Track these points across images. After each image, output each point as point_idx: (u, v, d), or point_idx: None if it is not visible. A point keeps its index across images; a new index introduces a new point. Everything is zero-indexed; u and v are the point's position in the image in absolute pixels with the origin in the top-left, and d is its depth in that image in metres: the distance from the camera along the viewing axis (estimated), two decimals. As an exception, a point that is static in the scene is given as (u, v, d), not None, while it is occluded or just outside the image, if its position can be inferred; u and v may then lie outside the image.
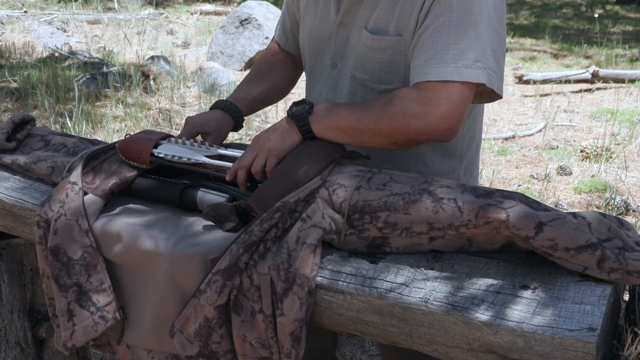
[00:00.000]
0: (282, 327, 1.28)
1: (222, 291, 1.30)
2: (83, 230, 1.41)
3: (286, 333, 1.27)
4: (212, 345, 1.33)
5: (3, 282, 1.80)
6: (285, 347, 1.28)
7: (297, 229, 1.31)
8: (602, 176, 3.69)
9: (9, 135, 1.75)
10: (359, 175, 1.36)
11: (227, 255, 1.30)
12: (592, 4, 11.23)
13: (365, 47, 1.54)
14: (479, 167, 1.77)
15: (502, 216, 1.20)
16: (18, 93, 5.10)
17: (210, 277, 1.30)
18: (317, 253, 1.29)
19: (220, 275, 1.29)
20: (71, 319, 1.43)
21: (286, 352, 1.28)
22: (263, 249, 1.32)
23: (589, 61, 6.71)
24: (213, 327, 1.32)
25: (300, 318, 1.27)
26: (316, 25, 1.65)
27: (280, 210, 1.32)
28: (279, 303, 1.28)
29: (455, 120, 1.39)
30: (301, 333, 1.28)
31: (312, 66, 1.71)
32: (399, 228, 1.29)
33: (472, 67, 1.39)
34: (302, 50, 1.75)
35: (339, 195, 1.33)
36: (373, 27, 1.52)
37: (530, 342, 1.09)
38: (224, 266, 1.29)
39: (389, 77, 1.54)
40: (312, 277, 1.27)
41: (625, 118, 4.60)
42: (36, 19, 8.09)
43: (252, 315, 1.30)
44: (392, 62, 1.52)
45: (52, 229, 1.43)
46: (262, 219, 1.32)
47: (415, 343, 1.22)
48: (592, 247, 1.15)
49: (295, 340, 1.28)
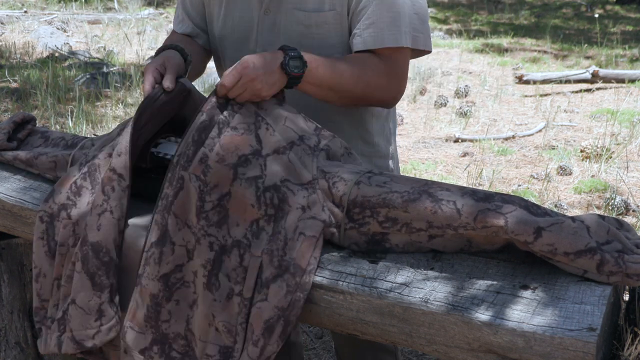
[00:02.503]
0: (259, 312, 1.24)
1: (161, 260, 1.31)
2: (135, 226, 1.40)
3: (261, 319, 1.24)
4: (162, 326, 1.33)
5: (3, 282, 1.80)
6: (255, 334, 1.24)
7: (297, 218, 1.30)
8: (602, 176, 3.69)
9: (10, 135, 1.75)
10: (360, 173, 1.36)
11: (154, 227, 1.32)
12: (592, 4, 11.23)
13: (302, 26, 1.57)
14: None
15: (501, 222, 1.20)
16: (18, 93, 5.10)
17: (145, 255, 1.32)
18: (317, 247, 1.28)
19: (154, 247, 1.31)
20: (99, 319, 1.39)
21: (255, 338, 1.24)
22: (256, 227, 1.31)
23: (589, 61, 6.71)
24: (160, 303, 1.32)
25: (282, 306, 1.23)
26: (238, 16, 1.65)
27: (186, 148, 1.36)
28: (265, 288, 1.25)
29: (404, 87, 1.58)
30: (276, 324, 1.23)
31: (235, 57, 1.64)
32: (400, 223, 1.29)
33: (411, 32, 1.54)
34: (221, 42, 1.71)
35: (339, 188, 1.33)
36: (306, 6, 1.57)
37: (530, 342, 1.09)
38: (155, 238, 1.31)
39: (327, 52, 1.56)
40: (308, 270, 1.25)
41: (625, 118, 4.60)
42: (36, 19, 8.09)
43: (228, 298, 1.28)
44: (329, 37, 1.57)
45: (95, 224, 1.39)
46: (170, 178, 1.36)
47: (415, 343, 1.22)
48: (591, 251, 1.16)
49: (267, 330, 1.23)
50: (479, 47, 7.28)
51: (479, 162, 3.92)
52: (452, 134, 4.39)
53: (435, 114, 4.88)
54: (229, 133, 1.36)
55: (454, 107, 5.00)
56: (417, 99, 5.24)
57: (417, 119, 4.77)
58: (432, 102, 5.11)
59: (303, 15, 1.57)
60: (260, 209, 1.32)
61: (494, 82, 5.82)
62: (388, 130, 1.75)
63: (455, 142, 4.30)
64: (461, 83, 5.60)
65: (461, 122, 4.67)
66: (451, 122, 4.69)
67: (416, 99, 5.24)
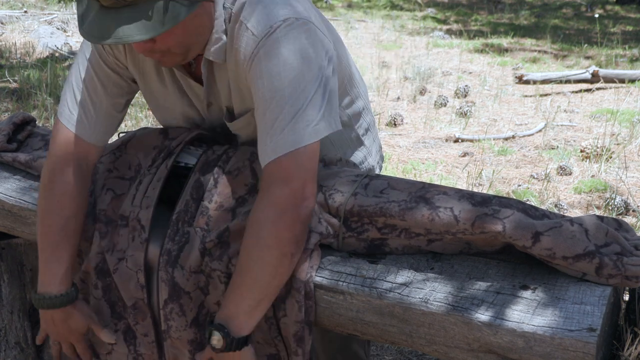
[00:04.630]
0: (285, 327, 1.31)
1: (184, 311, 1.36)
2: (140, 285, 1.39)
3: (290, 334, 1.30)
4: None
5: (3, 282, 1.80)
6: (292, 347, 1.31)
7: None
8: (602, 176, 3.69)
9: (10, 136, 1.74)
10: (357, 181, 1.36)
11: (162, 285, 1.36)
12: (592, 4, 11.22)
13: (232, 129, 1.47)
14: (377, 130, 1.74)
15: (499, 227, 1.20)
16: (18, 93, 5.10)
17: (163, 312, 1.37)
18: (313, 257, 1.30)
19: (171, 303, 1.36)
20: (112, 344, 1.46)
21: (293, 350, 1.31)
22: None
23: (589, 61, 6.71)
24: (201, 343, 1.37)
25: (301, 320, 1.29)
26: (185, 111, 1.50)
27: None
28: (282, 303, 1.29)
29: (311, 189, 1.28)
30: (304, 333, 1.30)
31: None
32: (398, 229, 1.30)
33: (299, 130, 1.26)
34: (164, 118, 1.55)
35: (335, 200, 1.34)
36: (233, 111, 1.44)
37: (530, 342, 1.09)
38: (167, 295, 1.35)
39: None
40: (307, 280, 1.27)
41: (625, 118, 4.60)
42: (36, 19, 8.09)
43: None
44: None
45: (112, 267, 1.41)
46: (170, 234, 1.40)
47: (415, 343, 1.22)
48: (590, 255, 1.16)
49: (299, 340, 1.30)
50: (479, 47, 7.27)
51: (479, 162, 3.92)
52: (452, 134, 4.39)
53: (435, 114, 4.88)
54: (224, 179, 1.39)
55: (454, 107, 5.00)
56: (417, 99, 5.24)
57: (417, 119, 4.77)
58: (432, 102, 5.11)
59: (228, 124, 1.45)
60: None
61: (494, 82, 5.82)
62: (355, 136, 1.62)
63: (455, 142, 4.30)
64: (461, 83, 5.60)
65: (461, 122, 4.67)
66: (451, 122, 4.69)
67: (416, 99, 5.24)
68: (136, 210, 1.42)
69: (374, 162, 1.70)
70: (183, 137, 1.49)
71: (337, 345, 1.81)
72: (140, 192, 1.44)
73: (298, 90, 1.25)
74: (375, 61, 6.42)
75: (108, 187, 1.49)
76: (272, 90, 1.26)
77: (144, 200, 1.42)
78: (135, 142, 1.53)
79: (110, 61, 1.44)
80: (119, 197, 1.47)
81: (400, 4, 11.13)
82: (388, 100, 5.22)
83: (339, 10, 10.10)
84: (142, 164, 1.49)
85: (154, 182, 1.44)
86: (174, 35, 1.24)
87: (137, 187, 1.45)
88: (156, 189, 1.42)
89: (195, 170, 1.43)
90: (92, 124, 1.44)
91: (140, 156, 1.50)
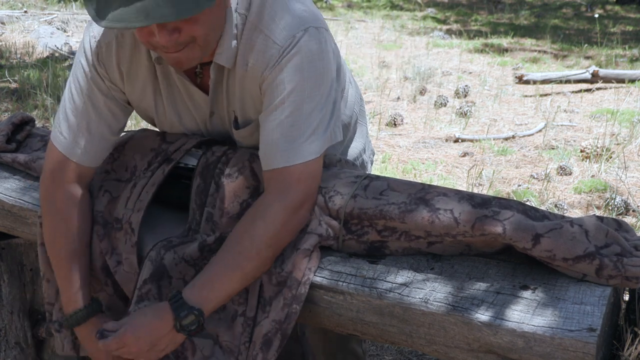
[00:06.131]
0: (260, 329, 1.28)
1: (160, 294, 1.36)
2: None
3: (260, 334, 1.27)
4: None
5: (3, 282, 1.80)
6: (255, 349, 1.27)
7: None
8: (602, 176, 3.69)
9: (9, 136, 1.74)
10: (356, 182, 1.36)
11: (147, 264, 1.35)
12: (592, 4, 11.22)
13: (236, 137, 1.47)
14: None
15: (499, 229, 1.20)
16: (18, 93, 5.10)
17: (138, 292, 1.36)
18: (312, 258, 1.30)
19: (149, 283, 1.35)
20: None
21: (254, 354, 1.27)
22: None
23: (589, 61, 6.71)
24: None
25: (279, 319, 1.26)
26: (184, 116, 1.49)
27: None
28: (268, 306, 1.28)
29: (312, 201, 1.34)
30: (274, 337, 1.26)
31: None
32: (398, 232, 1.30)
33: (307, 141, 1.31)
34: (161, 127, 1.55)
35: (335, 202, 1.34)
36: (238, 119, 1.44)
37: (530, 342, 1.09)
38: (147, 275, 1.35)
39: None
40: (303, 281, 1.27)
41: (625, 118, 4.60)
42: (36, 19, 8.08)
43: (233, 319, 1.31)
44: None
45: (112, 269, 1.43)
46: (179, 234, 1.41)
47: (415, 343, 1.22)
48: (590, 256, 1.16)
49: (265, 344, 1.26)
50: (479, 47, 7.27)
51: (479, 162, 3.92)
52: (452, 134, 4.39)
53: (435, 114, 4.87)
54: (225, 183, 1.39)
55: (454, 107, 5.00)
56: (417, 99, 5.24)
57: (417, 119, 4.77)
58: (432, 102, 5.11)
59: (233, 132, 1.46)
60: None
61: (494, 82, 5.82)
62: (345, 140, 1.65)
63: (455, 142, 4.30)
64: (461, 83, 5.60)
65: (461, 122, 4.67)
66: (451, 122, 4.69)
67: (416, 99, 5.24)
68: (128, 214, 1.42)
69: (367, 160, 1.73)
70: (181, 142, 1.48)
71: (335, 344, 1.81)
72: (134, 195, 1.44)
73: (315, 102, 1.31)
74: (375, 61, 6.42)
75: (105, 189, 1.49)
76: (293, 99, 1.30)
77: (137, 204, 1.43)
78: (133, 144, 1.53)
79: (104, 88, 1.42)
80: (115, 199, 1.48)
81: (400, 4, 11.13)
82: (388, 100, 5.22)
83: (339, 10, 10.10)
84: (138, 165, 1.50)
85: (149, 185, 1.44)
86: (200, 23, 1.22)
87: (131, 190, 1.45)
88: (150, 193, 1.43)
89: (196, 175, 1.43)
90: (85, 149, 1.43)
91: (137, 158, 1.50)
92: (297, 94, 1.30)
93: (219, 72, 1.37)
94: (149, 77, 1.42)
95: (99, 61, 1.40)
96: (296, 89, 1.30)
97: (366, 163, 1.73)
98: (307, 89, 1.30)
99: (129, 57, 1.39)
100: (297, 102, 1.30)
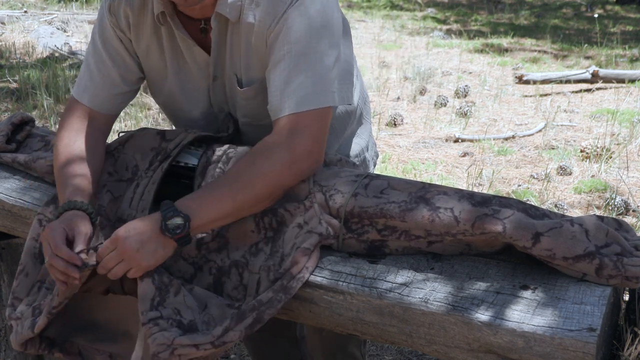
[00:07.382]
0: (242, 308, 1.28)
1: None
2: None
3: (240, 310, 1.27)
4: None
5: (3, 282, 1.80)
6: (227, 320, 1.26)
7: (294, 235, 1.32)
8: (602, 176, 3.69)
9: (9, 137, 1.74)
10: (357, 181, 1.36)
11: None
12: (592, 4, 11.23)
13: (239, 98, 1.49)
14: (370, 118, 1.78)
15: (499, 228, 1.20)
16: (18, 93, 5.10)
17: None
18: (312, 257, 1.30)
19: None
20: None
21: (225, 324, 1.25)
22: (255, 248, 1.34)
23: (589, 61, 6.71)
24: None
25: (260, 300, 1.26)
26: (186, 82, 1.53)
27: None
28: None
29: (319, 152, 1.36)
30: (248, 314, 1.25)
31: (179, 117, 1.63)
32: (398, 231, 1.30)
33: (321, 92, 1.34)
34: (166, 106, 1.62)
35: (336, 201, 1.34)
36: (241, 79, 1.46)
37: (530, 342, 1.09)
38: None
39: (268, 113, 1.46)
40: (298, 277, 1.27)
41: (625, 118, 4.60)
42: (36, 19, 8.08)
43: (226, 307, 1.31)
44: (265, 102, 1.43)
45: None
46: None
47: (415, 343, 1.22)
48: (590, 255, 1.16)
49: (238, 316, 1.25)
50: (479, 47, 7.27)
51: (479, 162, 3.92)
52: (452, 134, 4.39)
53: (435, 114, 4.88)
54: None
55: (453, 107, 5.00)
56: (417, 99, 5.24)
57: (417, 119, 4.77)
58: (432, 102, 5.11)
59: (238, 90, 1.48)
60: (260, 233, 1.35)
61: (494, 82, 5.82)
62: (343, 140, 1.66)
63: (455, 142, 4.30)
64: (461, 83, 5.60)
65: (461, 122, 4.67)
66: (451, 122, 4.69)
67: (416, 99, 5.24)
68: (133, 214, 1.43)
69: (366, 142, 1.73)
70: (180, 138, 1.49)
71: (334, 346, 1.81)
72: (137, 195, 1.45)
73: (322, 53, 1.34)
74: (375, 61, 6.42)
75: (107, 189, 1.50)
76: (299, 49, 1.33)
77: (141, 204, 1.44)
78: (133, 143, 1.53)
79: (115, 37, 1.51)
80: (116, 199, 1.48)
81: (400, 4, 11.13)
82: (388, 100, 5.22)
83: (339, 10, 10.09)
84: (139, 165, 1.50)
85: (150, 185, 1.45)
86: None
87: (134, 190, 1.46)
88: (151, 191, 1.43)
89: (197, 174, 1.43)
90: (96, 89, 1.53)
91: (138, 157, 1.51)
92: (304, 44, 1.33)
93: (221, 24, 1.40)
94: (154, 38, 1.49)
95: (111, 12, 1.50)
96: (302, 39, 1.33)
97: (368, 162, 1.73)
98: (313, 40, 1.34)
99: (137, 15, 1.48)
100: (304, 52, 1.34)
